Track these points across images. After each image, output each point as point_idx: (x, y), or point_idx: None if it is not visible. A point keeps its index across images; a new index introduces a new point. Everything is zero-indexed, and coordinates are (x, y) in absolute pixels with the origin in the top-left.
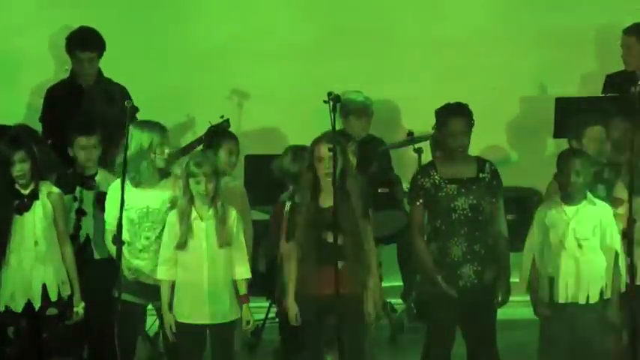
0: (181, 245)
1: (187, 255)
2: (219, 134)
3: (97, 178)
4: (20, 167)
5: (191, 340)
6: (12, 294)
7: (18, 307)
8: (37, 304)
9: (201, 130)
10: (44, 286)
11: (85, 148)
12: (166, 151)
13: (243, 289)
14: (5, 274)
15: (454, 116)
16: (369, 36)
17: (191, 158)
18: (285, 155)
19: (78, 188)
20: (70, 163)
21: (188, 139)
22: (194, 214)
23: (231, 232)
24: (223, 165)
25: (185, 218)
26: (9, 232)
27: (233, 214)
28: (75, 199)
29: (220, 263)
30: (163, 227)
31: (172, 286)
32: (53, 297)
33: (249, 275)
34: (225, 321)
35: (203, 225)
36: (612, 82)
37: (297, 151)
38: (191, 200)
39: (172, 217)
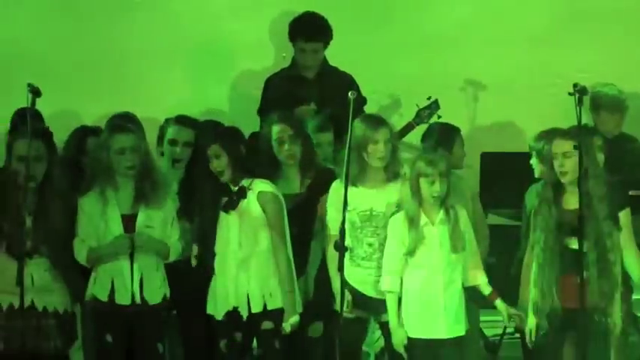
0: (411, 253)
1: (418, 264)
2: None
3: None
4: (217, 163)
5: (425, 357)
6: (216, 301)
7: (219, 314)
8: (244, 313)
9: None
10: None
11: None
12: (380, 149)
13: (487, 289)
14: (213, 278)
15: None
16: (616, 20)
17: (420, 156)
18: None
19: None
20: None
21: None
22: (424, 218)
23: (464, 236)
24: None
25: (415, 223)
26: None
27: (464, 216)
28: None
29: (454, 271)
30: None
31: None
32: (256, 308)
33: (486, 279)
34: (461, 334)
35: (435, 230)
36: None
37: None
38: (420, 203)
39: (397, 222)
